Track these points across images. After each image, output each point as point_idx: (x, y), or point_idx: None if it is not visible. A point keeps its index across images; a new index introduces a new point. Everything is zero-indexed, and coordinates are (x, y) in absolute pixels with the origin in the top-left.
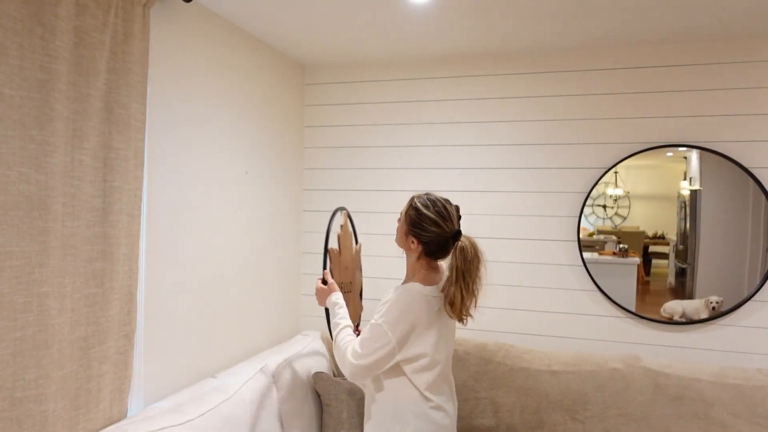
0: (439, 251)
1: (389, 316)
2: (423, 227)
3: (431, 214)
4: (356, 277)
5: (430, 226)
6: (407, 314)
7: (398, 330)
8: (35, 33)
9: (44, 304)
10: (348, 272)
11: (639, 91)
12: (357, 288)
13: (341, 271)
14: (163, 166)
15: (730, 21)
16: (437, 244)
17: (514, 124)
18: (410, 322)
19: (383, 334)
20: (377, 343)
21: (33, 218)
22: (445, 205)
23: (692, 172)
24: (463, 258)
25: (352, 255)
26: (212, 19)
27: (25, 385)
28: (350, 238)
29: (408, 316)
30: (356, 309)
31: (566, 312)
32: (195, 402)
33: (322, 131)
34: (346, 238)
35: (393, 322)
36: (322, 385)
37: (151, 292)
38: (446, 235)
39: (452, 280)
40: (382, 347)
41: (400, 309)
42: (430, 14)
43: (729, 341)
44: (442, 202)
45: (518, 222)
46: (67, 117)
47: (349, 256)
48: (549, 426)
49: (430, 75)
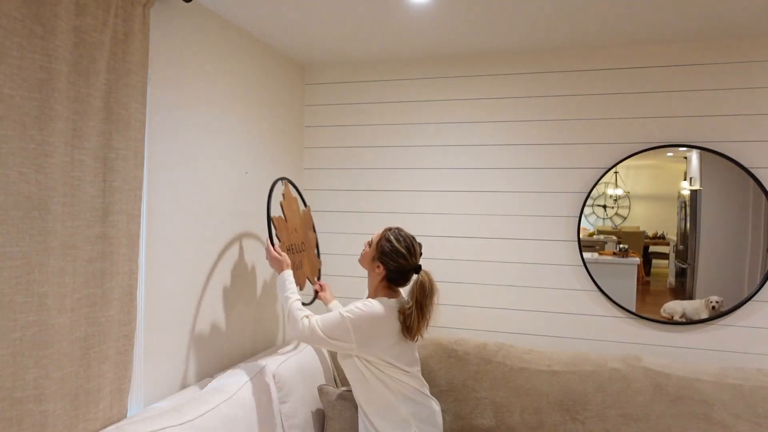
0: (400, 279)
1: (358, 322)
2: (392, 257)
3: (401, 248)
4: (308, 236)
5: (399, 258)
6: (377, 324)
7: (361, 333)
8: (35, 33)
9: (44, 304)
10: (298, 234)
11: (639, 91)
12: (311, 246)
13: (290, 235)
14: (163, 166)
15: (730, 21)
16: (400, 273)
17: (514, 124)
18: (378, 331)
19: (346, 331)
20: (337, 331)
21: (33, 218)
22: (413, 242)
23: (692, 172)
24: (422, 291)
25: (300, 218)
26: (212, 19)
27: (24, 385)
28: (295, 203)
29: (377, 326)
30: (314, 264)
31: (566, 312)
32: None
33: (322, 131)
34: (290, 205)
35: (359, 326)
36: (326, 399)
37: (151, 292)
38: (409, 268)
39: (411, 309)
40: (339, 339)
41: (370, 317)
42: (430, 14)
43: (729, 341)
44: (410, 239)
45: (518, 222)
46: (67, 117)
47: (296, 220)
48: (549, 426)
49: (430, 75)
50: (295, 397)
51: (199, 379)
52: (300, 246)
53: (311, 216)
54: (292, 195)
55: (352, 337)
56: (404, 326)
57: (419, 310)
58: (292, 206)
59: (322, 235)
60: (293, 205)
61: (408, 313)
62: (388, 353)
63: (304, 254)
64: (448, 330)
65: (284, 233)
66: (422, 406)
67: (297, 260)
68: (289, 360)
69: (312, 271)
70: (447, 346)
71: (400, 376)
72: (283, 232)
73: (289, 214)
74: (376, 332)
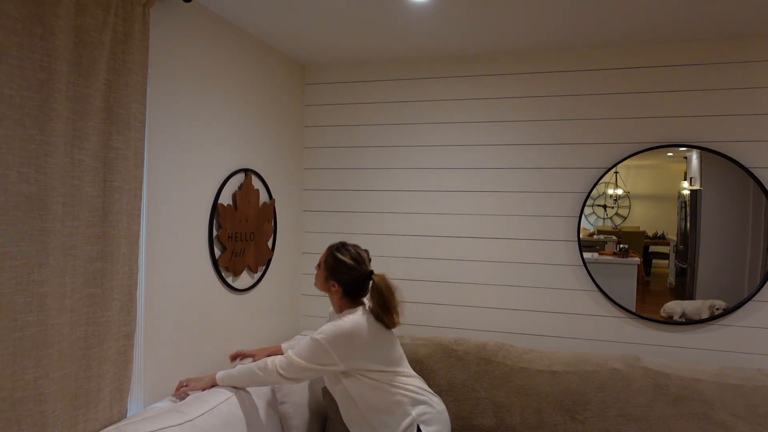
0: (357, 291)
1: (333, 339)
2: (342, 271)
3: (348, 261)
4: (263, 227)
5: (349, 271)
6: (352, 336)
7: (341, 349)
8: (35, 33)
9: (44, 304)
10: (249, 224)
11: (639, 91)
12: (263, 237)
13: (235, 224)
14: (163, 166)
15: (730, 21)
16: (355, 284)
17: (514, 124)
18: (357, 342)
19: (325, 351)
20: (316, 354)
21: (33, 218)
22: (358, 251)
23: (692, 172)
24: (380, 296)
25: (257, 209)
26: (212, 18)
27: (24, 385)
28: (254, 194)
29: (353, 338)
30: (262, 255)
31: (566, 312)
32: (195, 402)
33: (322, 131)
34: (246, 195)
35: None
36: (329, 400)
37: (151, 292)
38: (362, 276)
39: (377, 310)
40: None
41: (343, 332)
42: (430, 14)
43: (729, 341)
44: (355, 249)
45: (518, 222)
46: (67, 117)
47: (249, 211)
48: (549, 426)
49: (430, 75)
50: (295, 398)
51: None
52: (248, 235)
53: (274, 209)
54: (253, 187)
55: (333, 355)
56: (380, 322)
57: (384, 309)
58: (249, 197)
59: (322, 235)
60: (250, 196)
61: (375, 313)
62: (373, 361)
63: (251, 243)
64: (448, 330)
65: (228, 221)
66: (427, 405)
67: (239, 248)
68: None
69: (257, 261)
70: (447, 346)
71: (397, 380)
72: (227, 220)
73: (242, 204)
74: (354, 344)
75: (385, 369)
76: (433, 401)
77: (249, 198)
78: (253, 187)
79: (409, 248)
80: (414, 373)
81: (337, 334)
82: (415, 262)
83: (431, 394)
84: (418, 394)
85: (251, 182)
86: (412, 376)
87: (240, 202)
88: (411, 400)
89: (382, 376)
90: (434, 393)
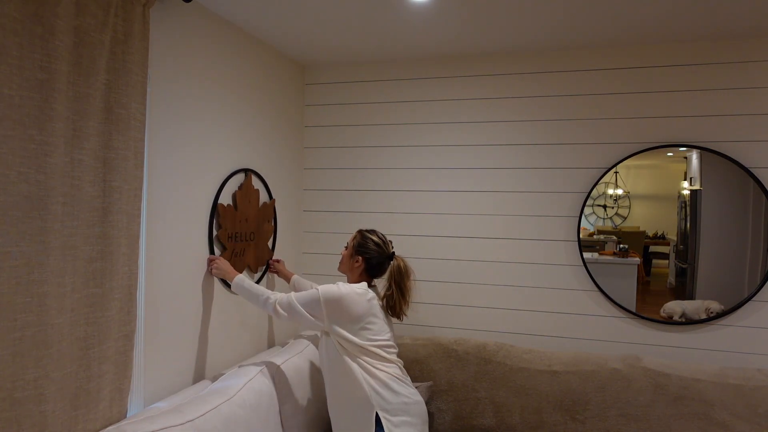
0: (378, 268)
1: (328, 295)
2: (368, 247)
3: (376, 239)
4: (262, 228)
5: (374, 247)
6: (348, 302)
7: (330, 308)
8: (35, 33)
9: (44, 304)
10: (249, 224)
11: (639, 91)
12: (264, 237)
13: (236, 224)
14: (163, 166)
15: (730, 21)
16: (377, 261)
17: (514, 124)
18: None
19: (318, 303)
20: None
21: (33, 218)
22: (384, 237)
23: (692, 172)
24: (399, 273)
25: (258, 209)
26: (212, 19)
27: (24, 386)
28: (254, 194)
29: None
30: (261, 255)
31: (566, 312)
32: (195, 402)
33: (322, 131)
34: (246, 195)
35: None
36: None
37: (151, 292)
38: (384, 255)
39: (392, 290)
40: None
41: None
42: (429, 14)
43: (729, 341)
44: (382, 234)
45: (518, 222)
46: (66, 117)
47: (250, 211)
48: (549, 426)
49: (430, 75)
50: (296, 398)
51: (200, 379)
52: (248, 235)
53: (274, 209)
54: (253, 187)
55: (323, 310)
56: (388, 306)
57: (399, 289)
58: (249, 197)
59: (322, 235)
60: (250, 197)
61: (389, 294)
62: (353, 333)
63: (251, 243)
64: (448, 330)
65: (228, 221)
66: (392, 393)
67: (239, 248)
68: (289, 361)
69: (257, 261)
70: (447, 346)
71: (367, 360)
72: (227, 220)
73: (242, 204)
74: (341, 308)
75: (364, 346)
76: (402, 392)
77: (249, 198)
78: (253, 187)
79: (409, 248)
80: (396, 360)
81: (332, 292)
82: (415, 262)
83: (405, 385)
84: (387, 381)
85: (251, 182)
86: (390, 363)
87: (240, 202)
88: (376, 383)
89: (354, 349)
90: (410, 384)
